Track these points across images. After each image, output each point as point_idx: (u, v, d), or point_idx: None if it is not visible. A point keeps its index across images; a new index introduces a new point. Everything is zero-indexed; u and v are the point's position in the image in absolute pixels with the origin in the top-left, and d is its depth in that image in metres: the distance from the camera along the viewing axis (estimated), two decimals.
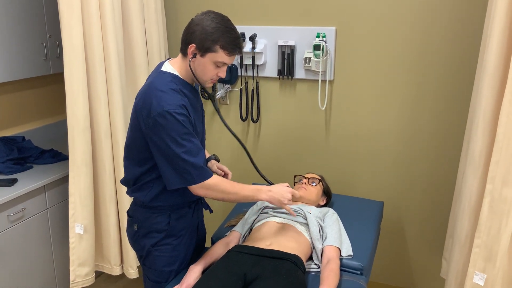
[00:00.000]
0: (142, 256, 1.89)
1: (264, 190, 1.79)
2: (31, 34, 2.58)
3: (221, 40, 1.63)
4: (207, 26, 1.63)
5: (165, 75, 1.70)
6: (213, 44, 1.63)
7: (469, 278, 1.85)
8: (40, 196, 2.45)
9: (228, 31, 1.64)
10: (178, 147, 1.61)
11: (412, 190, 2.63)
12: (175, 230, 1.83)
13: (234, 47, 1.66)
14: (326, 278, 1.75)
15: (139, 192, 1.80)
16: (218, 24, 1.63)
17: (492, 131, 1.80)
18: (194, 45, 1.65)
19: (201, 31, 1.63)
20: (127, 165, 1.81)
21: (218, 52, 1.64)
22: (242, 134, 2.93)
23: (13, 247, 2.33)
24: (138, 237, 1.86)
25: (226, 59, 1.67)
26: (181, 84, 1.71)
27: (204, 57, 1.66)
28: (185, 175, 1.65)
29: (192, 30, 1.66)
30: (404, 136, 2.56)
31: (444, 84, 2.42)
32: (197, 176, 1.66)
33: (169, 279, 1.87)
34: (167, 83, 1.66)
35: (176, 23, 2.90)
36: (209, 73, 1.70)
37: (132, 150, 1.76)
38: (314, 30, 2.56)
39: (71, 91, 2.21)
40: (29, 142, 2.77)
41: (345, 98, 2.63)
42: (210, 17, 1.65)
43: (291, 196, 1.82)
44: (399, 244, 2.76)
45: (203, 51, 1.64)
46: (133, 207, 1.89)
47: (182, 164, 1.63)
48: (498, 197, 1.74)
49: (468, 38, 2.32)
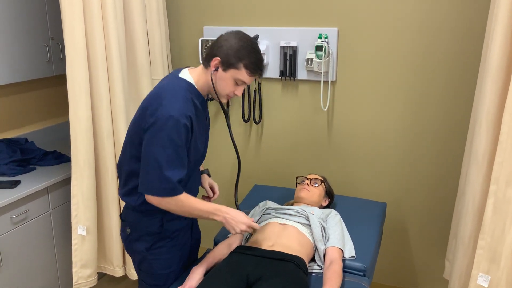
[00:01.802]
0: (136, 260, 1.87)
1: (222, 211, 1.74)
2: (33, 36, 2.59)
3: (245, 59, 1.66)
4: (235, 43, 1.66)
5: (181, 82, 1.70)
6: (238, 61, 1.66)
7: (473, 280, 1.84)
8: (43, 197, 2.46)
9: (254, 52, 1.68)
10: (162, 151, 1.59)
11: (414, 191, 2.62)
12: (168, 232, 1.81)
13: (257, 68, 1.69)
14: (329, 279, 1.74)
15: (130, 196, 1.78)
16: (245, 43, 1.67)
17: (496, 131, 1.79)
18: (219, 59, 1.67)
19: (228, 46, 1.66)
20: (125, 160, 1.78)
21: (241, 70, 1.67)
22: (244, 135, 2.92)
23: (16, 248, 2.33)
24: (131, 240, 1.84)
25: (247, 78, 1.70)
26: (195, 94, 1.72)
27: (226, 72, 1.68)
28: (155, 183, 1.62)
29: (220, 44, 1.68)
30: (407, 136, 2.56)
31: (447, 85, 2.41)
32: (165, 191, 1.63)
33: (167, 281, 1.85)
34: (181, 90, 1.67)
35: (178, 24, 2.91)
36: (228, 89, 1.72)
37: (133, 145, 1.73)
38: (316, 31, 2.56)
39: (74, 93, 2.21)
40: (32, 144, 2.77)
41: (347, 99, 2.62)
42: (239, 36, 1.68)
43: (245, 229, 1.74)
44: (402, 245, 2.75)
45: (226, 66, 1.67)
46: (125, 210, 1.87)
47: (157, 173, 1.60)
48: (502, 198, 1.73)
49: (471, 38, 2.31)
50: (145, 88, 2.57)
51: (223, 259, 1.86)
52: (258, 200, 2.37)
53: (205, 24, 2.84)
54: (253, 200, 2.44)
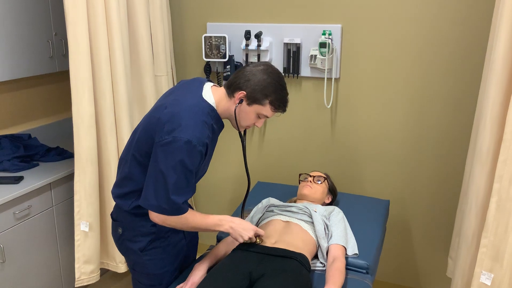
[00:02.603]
0: (130, 261, 1.85)
1: (227, 220, 1.75)
2: (36, 32, 2.59)
3: (272, 96, 1.66)
4: (263, 79, 1.65)
5: (205, 105, 1.66)
6: (264, 98, 1.66)
7: (476, 278, 1.83)
8: (46, 193, 2.46)
9: (281, 89, 1.68)
10: (172, 174, 1.57)
11: (418, 188, 2.62)
12: (162, 232, 1.79)
13: (282, 105, 1.71)
14: (331, 277, 1.74)
15: (123, 200, 1.76)
16: (273, 80, 1.66)
17: (500, 129, 1.79)
18: (244, 93, 1.66)
19: (256, 82, 1.65)
20: (127, 159, 1.75)
21: (265, 106, 1.68)
22: (247, 132, 2.92)
23: (19, 244, 2.34)
24: (124, 240, 1.82)
25: (270, 113, 1.71)
26: (215, 119, 1.70)
27: (250, 106, 1.68)
28: (161, 203, 1.61)
29: (247, 78, 1.67)
30: (410, 134, 2.55)
31: (451, 82, 2.40)
32: (171, 211, 1.63)
33: (162, 281, 1.84)
34: (203, 115, 1.63)
35: (181, 20, 2.90)
36: (249, 122, 1.73)
37: (139, 150, 1.70)
38: (320, 27, 2.55)
39: (77, 89, 2.21)
40: (35, 140, 2.78)
41: (351, 96, 2.61)
42: (268, 71, 1.67)
43: (252, 235, 1.76)
44: (405, 243, 2.74)
45: (251, 100, 1.67)
46: (116, 209, 1.84)
47: (165, 194, 1.60)
48: (506, 196, 1.73)
49: (476, 35, 2.30)
50: (148, 85, 2.57)
51: (226, 256, 1.86)
52: (260, 197, 2.37)
53: (208, 20, 2.83)
54: (255, 197, 2.44)
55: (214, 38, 2.73)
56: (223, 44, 2.71)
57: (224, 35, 2.70)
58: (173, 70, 2.86)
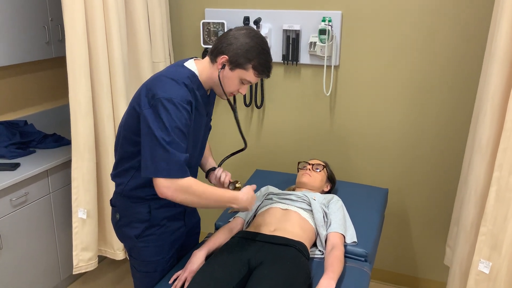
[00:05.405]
0: (127, 247, 1.85)
1: (239, 199, 1.74)
2: (32, 17, 2.55)
3: (255, 60, 1.62)
4: (245, 43, 1.61)
5: (184, 70, 1.66)
6: (247, 62, 1.62)
7: (474, 266, 1.84)
8: (43, 180, 2.45)
9: (264, 53, 1.64)
10: (166, 135, 1.55)
11: (417, 177, 2.62)
12: (157, 219, 1.77)
13: (265, 70, 1.66)
14: (330, 264, 1.74)
15: (120, 178, 1.75)
16: (256, 43, 1.62)
17: (501, 118, 1.78)
18: (226, 57, 1.63)
19: (238, 46, 1.61)
20: (118, 142, 1.75)
21: (248, 71, 1.64)
22: (245, 120, 2.90)
23: (16, 231, 2.33)
24: (121, 226, 1.82)
25: (253, 79, 1.67)
26: (197, 84, 1.68)
27: (233, 71, 1.64)
28: (162, 164, 1.56)
29: (229, 41, 1.63)
30: (410, 122, 2.54)
31: (451, 71, 2.39)
32: (173, 170, 1.56)
33: (157, 268, 1.83)
34: (183, 78, 1.62)
35: (179, 6, 2.86)
36: (232, 87, 1.69)
37: (128, 127, 1.69)
38: (319, 14, 2.52)
39: (73, 75, 2.19)
40: (32, 127, 2.75)
41: (351, 84, 2.60)
42: (250, 35, 1.63)
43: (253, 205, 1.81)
44: (403, 232, 2.75)
45: (234, 65, 1.63)
46: (114, 195, 1.84)
47: (163, 153, 1.55)
48: (505, 185, 1.73)
49: (476, 23, 2.28)
50: (145, 71, 2.55)
51: (225, 243, 1.86)
52: (259, 185, 2.37)
53: (206, 6, 2.79)
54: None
55: (213, 24, 2.70)
56: (221, 30, 2.68)
57: (223, 21, 2.67)
58: (171, 56, 2.84)
